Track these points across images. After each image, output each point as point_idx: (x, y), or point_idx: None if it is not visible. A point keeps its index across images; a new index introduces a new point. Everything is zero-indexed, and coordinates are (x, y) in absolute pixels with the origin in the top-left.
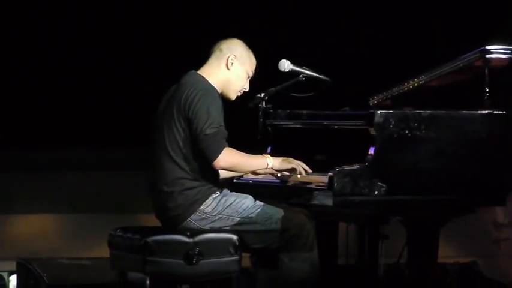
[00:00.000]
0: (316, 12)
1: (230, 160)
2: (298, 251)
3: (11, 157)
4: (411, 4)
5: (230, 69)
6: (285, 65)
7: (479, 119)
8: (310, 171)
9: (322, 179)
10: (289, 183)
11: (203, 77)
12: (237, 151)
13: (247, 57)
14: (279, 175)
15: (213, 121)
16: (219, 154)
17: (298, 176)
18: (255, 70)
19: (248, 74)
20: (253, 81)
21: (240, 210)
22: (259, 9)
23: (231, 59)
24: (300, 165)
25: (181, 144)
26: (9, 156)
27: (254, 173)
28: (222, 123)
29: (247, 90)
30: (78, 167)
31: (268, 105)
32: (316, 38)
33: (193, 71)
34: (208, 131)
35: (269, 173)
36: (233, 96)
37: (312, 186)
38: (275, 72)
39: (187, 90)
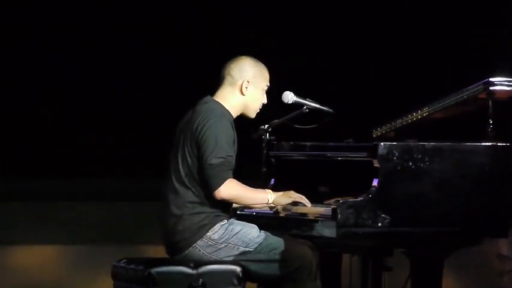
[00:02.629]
0: (320, 44)
1: (232, 192)
2: (303, 281)
3: (13, 187)
4: (415, 35)
5: (245, 94)
6: (289, 97)
7: (483, 151)
8: (309, 205)
9: (322, 211)
10: (293, 216)
11: (219, 103)
12: (240, 184)
13: (260, 75)
14: (274, 209)
15: (219, 151)
16: (221, 185)
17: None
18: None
19: (264, 90)
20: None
21: (246, 240)
22: (262, 40)
23: (245, 85)
24: (302, 199)
25: (193, 170)
26: (11, 187)
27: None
28: (230, 154)
29: (265, 103)
30: (81, 198)
31: (271, 137)
32: (320, 69)
33: (209, 97)
34: (213, 161)
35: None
36: (253, 115)
37: (315, 218)
38: (279, 104)
39: (201, 117)
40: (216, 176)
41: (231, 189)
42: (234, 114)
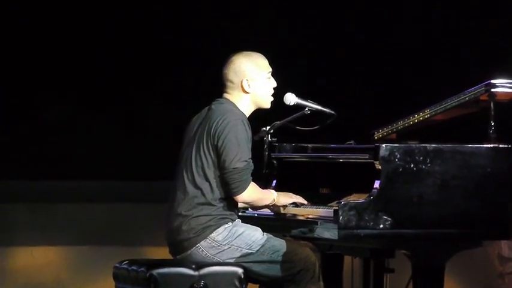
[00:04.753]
0: (322, 45)
1: (253, 195)
2: (306, 283)
3: (15, 188)
4: (417, 36)
5: (250, 91)
6: (291, 98)
7: (485, 153)
8: (308, 206)
9: (323, 213)
10: (295, 217)
11: (235, 105)
12: (257, 186)
13: (256, 67)
14: (275, 209)
15: (242, 155)
16: (245, 189)
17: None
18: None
19: (268, 77)
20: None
21: (249, 242)
22: (264, 40)
23: (245, 83)
24: (298, 199)
25: (207, 171)
26: (13, 188)
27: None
28: (250, 156)
29: (275, 85)
30: (83, 199)
31: (273, 139)
32: (322, 70)
33: (224, 98)
34: (238, 165)
35: (269, 207)
36: (268, 105)
37: (316, 219)
38: (280, 106)
39: (218, 118)
40: (240, 180)
41: (252, 194)
42: (248, 113)
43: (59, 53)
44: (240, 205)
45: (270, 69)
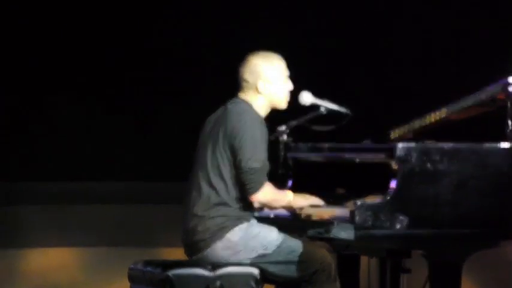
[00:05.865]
0: (338, 44)
1: (268, 196)
2: (322, 284)
3: (29, 190)
4: (432, 36)
5: (266, 93)
6: (306, 98)
7: (501, 153)
8: (324, 207)
9: (340, 213)
10: (311, 218)
11: (251, 105)
12: (273, 187)
13: (273, 69)
14: (291, 210)
15: (258, 155)
16: (260, 189)
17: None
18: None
19: (284, 80)
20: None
21: (264, 242)
22: (279, 42)
23: (261, 85)
24: (314, 201)
25: (223, 171)
26: (29, 189)
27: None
28: (266, 156)
29: (292, 88)
30: (98, 200)
31: (289, 138)
32: (338, 69)
33: (240, 98)
34: (254, 165)
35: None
36: (285, 106)
37: (332, 220)
38: (296, 105)
39: (235, 118)
40: (255, 180)
41: (267, 194)
42: (264, 113)
43: (67, 53)
44: (256, 205)
45: (287, 72)
